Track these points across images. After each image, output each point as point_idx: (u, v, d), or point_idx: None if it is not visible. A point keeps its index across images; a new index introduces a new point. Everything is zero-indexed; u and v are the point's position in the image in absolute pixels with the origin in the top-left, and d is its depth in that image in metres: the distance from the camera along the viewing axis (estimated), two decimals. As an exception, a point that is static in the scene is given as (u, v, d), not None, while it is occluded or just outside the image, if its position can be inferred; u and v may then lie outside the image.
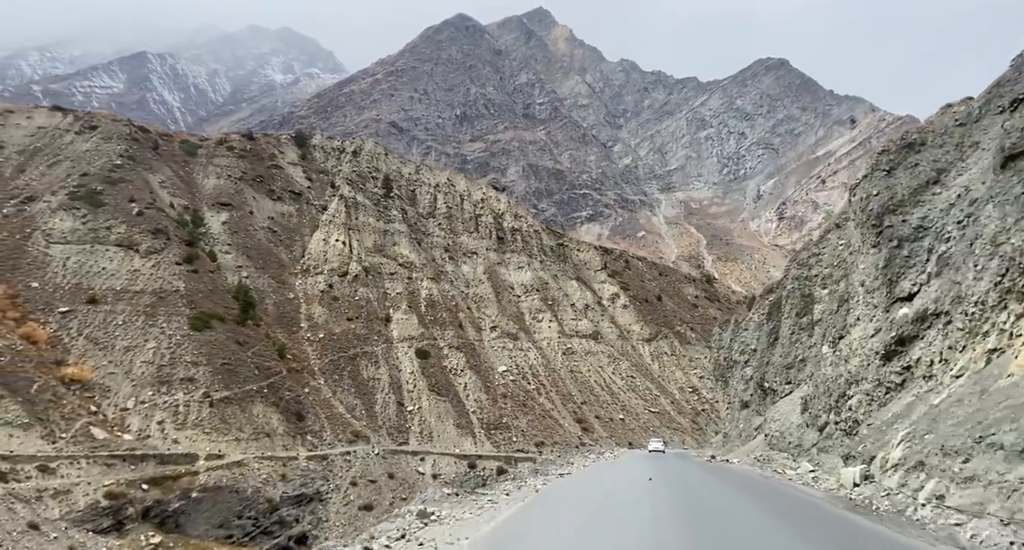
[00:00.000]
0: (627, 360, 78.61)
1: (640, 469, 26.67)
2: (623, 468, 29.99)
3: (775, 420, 30.09)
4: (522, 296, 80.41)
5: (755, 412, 39.78)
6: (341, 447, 50.69)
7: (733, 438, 44.86)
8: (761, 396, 38.16)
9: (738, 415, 44.29)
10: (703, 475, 23.92)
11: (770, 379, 35.05)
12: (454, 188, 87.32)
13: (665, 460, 35.18)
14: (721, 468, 28.02)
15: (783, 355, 33.10)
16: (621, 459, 39.72)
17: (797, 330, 32.18)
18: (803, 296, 32.19)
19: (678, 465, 30.10)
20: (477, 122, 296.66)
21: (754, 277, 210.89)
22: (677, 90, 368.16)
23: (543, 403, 65.18)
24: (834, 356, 24.05)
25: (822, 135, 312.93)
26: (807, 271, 32.47)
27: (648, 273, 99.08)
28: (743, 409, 43.07)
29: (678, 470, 26.44)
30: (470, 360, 65.94)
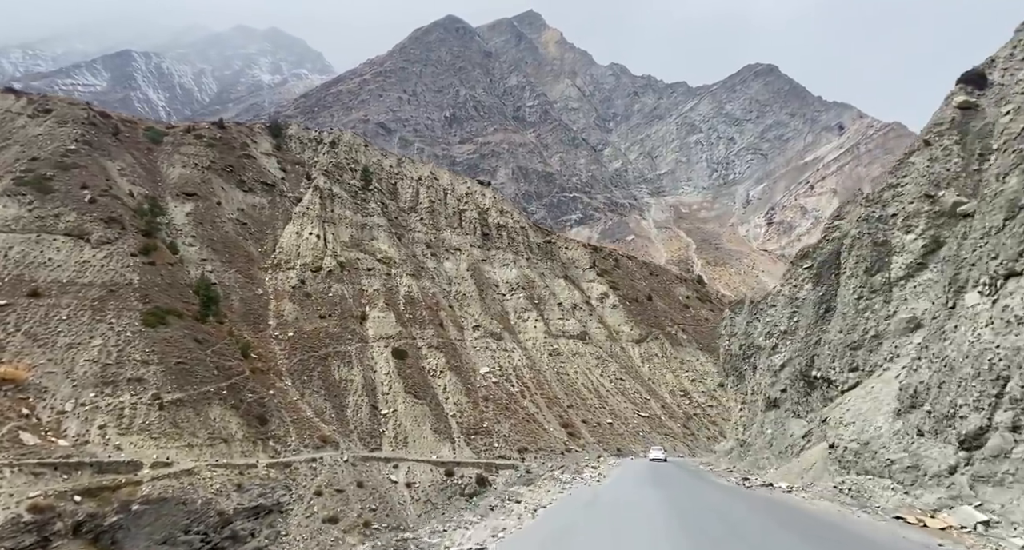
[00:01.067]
0: (616, 362, 75.15)
1: (645, 512, 15.62)
2: (613, 507, 18.10)
3: (845, 424, 19.96)
4: (507, 294, 76.83)
5: (792, 413, 30.55)
6: (307, 453, 46.74)
7: (757, 448, 34.53)
8: (804, 390, 28.82)
9: (763, 418, 34.88)
10: (786, 538, 11.85)
11: (822, 366, 25.48)
12: (437, 182, 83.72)
13: (675, 482, 25.80)
14: (785, 506, 16.83)
15: (844, 331, 23.69)
16: (610, 478, 29.41)
17: (867, 294, 22.90)
18: (876, 245, 23.03)
19: (702, 495, 20.12)
20: (467, 124, 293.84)
21: (743, 282, 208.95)
22: (667, 95, 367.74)
23: (527, 406, 61.51)
24: (992, 311, 13.41)
25: (810, 141, 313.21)
26: (880, 210, 23.34)
27: (638, 272, 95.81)
28: (771, 409, 33.89)
29: (715, 513, 15.84)
30: (451, 361, 62.20)
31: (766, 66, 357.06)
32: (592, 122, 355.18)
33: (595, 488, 25.16)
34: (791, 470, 25.43)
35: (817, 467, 22.55)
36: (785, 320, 34.11)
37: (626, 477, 29.60)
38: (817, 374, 26.21)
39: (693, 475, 30.83)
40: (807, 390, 28.64)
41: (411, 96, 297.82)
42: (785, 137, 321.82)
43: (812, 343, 28.33)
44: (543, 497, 24.36)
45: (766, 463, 31.54)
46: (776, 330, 35.39)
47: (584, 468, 39.50)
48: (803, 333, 29.83)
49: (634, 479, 28.29)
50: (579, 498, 21.67)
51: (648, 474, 30.60)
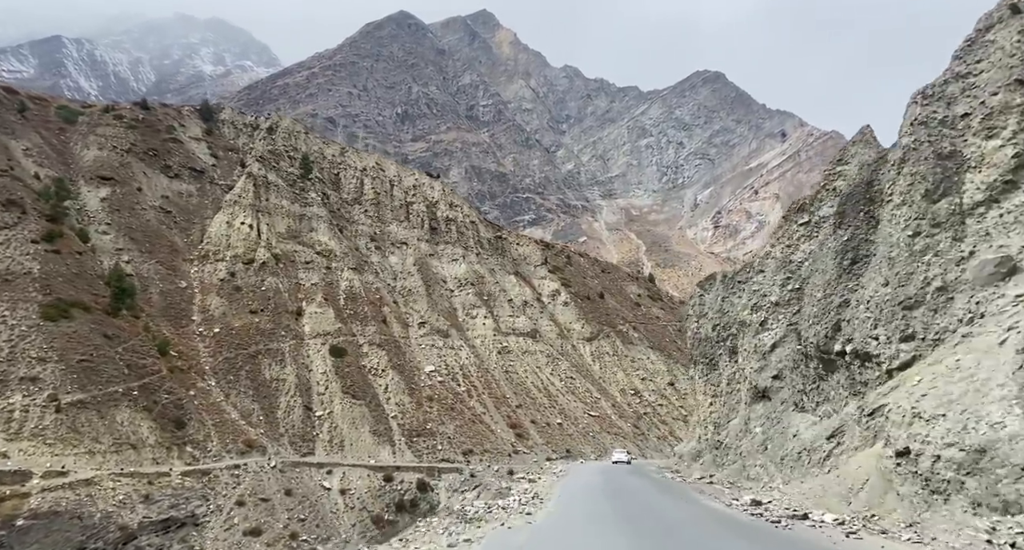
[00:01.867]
0: (567, 360, 73.05)
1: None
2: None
3: (925, 418, 13.16)
4: (455, 290, 73.78)
5: (793, 406, 23.71)
6: (229, 459, 42.62)
7: (744, 452, 27.15)
8: (815, 374, 21.95)
9: (748, 412, 28.18)
10: None
11: (855, 336, 18.49)
12: (383, 173, 80.00)
13: (650, 510, 18.08)
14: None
15: (893, 284, 16.92)
16: (551, 503, 21.12)
17: (927, 229, 16.21)
18: (939, 159, 16.27)
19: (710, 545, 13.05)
20: (419, 121, 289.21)
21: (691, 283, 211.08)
22: (619, 98, 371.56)
23: (474, 406, 58.62)
24: None
25: (755, 147, 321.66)
26: (944, 109, 16.61)
27: (590, 270, 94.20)
28: (759, 402, 27.42)
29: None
30: (393, 359, 58.77)
31: (713, 73, 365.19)
32: (546, 123, 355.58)
33: (524, 531, 15.45)
34: (821, 488, 17.27)
35: (873, 486, 14.90)
36: (776, 289, 27.95)
37: (575, 501, 20.69)
38: (844, 349, 19.04)
39: (668, 491, 23.44)
40: (821, 373, 21.59)
41: (362, 91, 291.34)
42: (731, 143, 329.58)
43: (832, 308, 20.38)
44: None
45: (761, 473, 24.37)
46: (765, 302, 28.86)
47: (518, 481, 29.92)
48: (819, 295, 21.55)
49: (587, 505, 19.39)
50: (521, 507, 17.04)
51: (606, 493, 22.47)
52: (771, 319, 28.30)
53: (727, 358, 34.17)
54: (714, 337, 36.19)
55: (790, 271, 27.44)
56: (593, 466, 43.43)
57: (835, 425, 19.57)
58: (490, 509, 21.86)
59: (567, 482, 29.00)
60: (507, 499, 24.27)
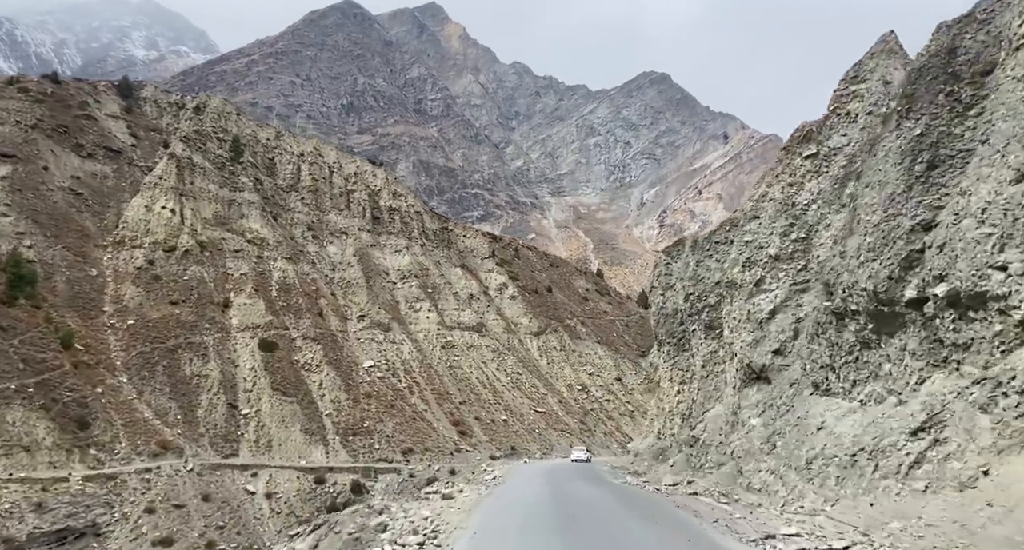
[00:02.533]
0: (513, 355, 71.06)
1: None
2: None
3: None
4: (398, 282, 70.73)
5: (813, 388, 17.69)
6: (140, 462, 38.68)
7: (741, 454, 20.59)
8: (864, 338, 15.51)
9: (737, 400, 22.50)
10: None
11: (950, 271, 12.21)
12: (322, 159, 76.04)
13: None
14: None
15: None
16: (463, 537, 12.51)
17: None
18: None
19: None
20: (365, 114, 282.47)
21: (636, 281, 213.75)
22: (568, 96, 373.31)
23: (415, 403, 55.89)
24: None
25: (699, 148, 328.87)
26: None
27: (538, 264, 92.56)
28: (752, 385, 21.95)
29: None
30: (329, 354, 55.42)
31: (660, 74, 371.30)
32: (495, 119, 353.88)
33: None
34: (942, 516, 10.50)
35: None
36: (776, 239, 22.38)
37: (499, 538, 12.49)
38: (924, 293, 12.89)
39: (644, 510, 16.41)
40: (868, 338, 15.20)
41: (305, 81, 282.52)
42: (676, 144, 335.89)
43: (901, 233, 14.07)
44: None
45: (772, 483, 17.41)
46: (761, 256, 23.05)
47: (424, 500, 20.64)
48: (875, 217, 15.13)
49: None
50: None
51: (553, 518, 14.85)
52: (769, 277, 22.38)
53: (702, 334, 27.87)
54: (686, 310, 29.85)
55: (793, 216, 21.99)
56: (538, 467, 37.43)
57: (918, 414, 12.47)
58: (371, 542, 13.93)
59: (499, 496, 20.53)
60: (401, 520, 15.23)
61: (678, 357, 31.57)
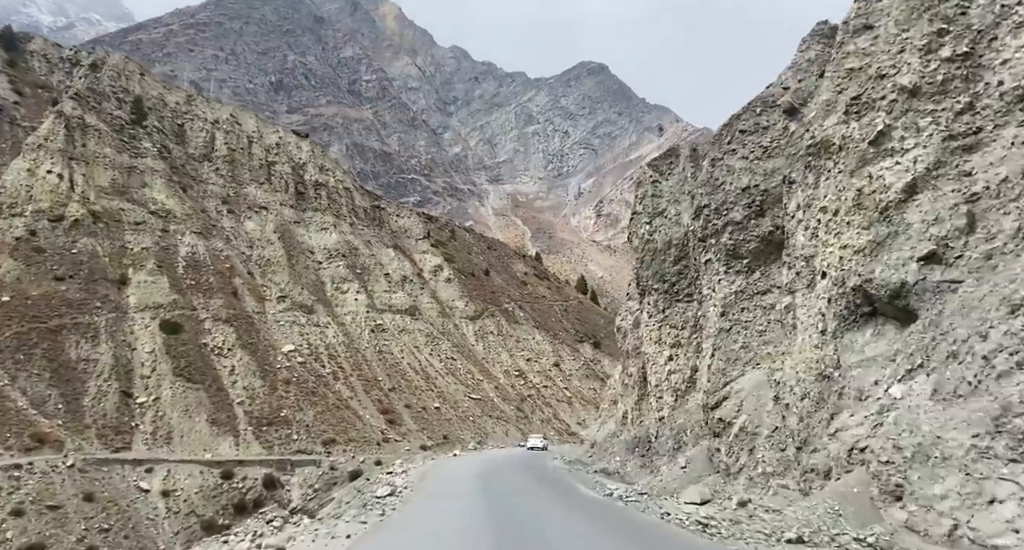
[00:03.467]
0: (448, 340, 67.60)
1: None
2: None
3: None
4: (324, 262, 65.85)
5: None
6: (9, 458, 33.12)
7: (847, 458, 12.16)
8: None
9: (823, 354, 14.28)
10: None
11: None
12: (240, 127, 69.82)
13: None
14: None
15: None
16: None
17: None
18: None
19: None
20: (295, 93, 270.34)
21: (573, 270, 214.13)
22: (507, 83, 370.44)
23: (340, 390, 51.69)
24: None
25: (635, 140, 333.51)
26: None
27: (476, 246, 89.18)
28: (863, 326, 13.55)
29: None
30: (243, 337, 50.40)
31: (598, 65, 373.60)
32: (432, 104, 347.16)
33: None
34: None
35: None
36: (916, 59, 13.21)
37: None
38: None
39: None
40: None
41: (229, 55, 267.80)
42: (613, 134, 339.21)
43: None
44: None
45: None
46: (881, 91, 13.81)
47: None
48: None
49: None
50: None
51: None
52: (900, 128, 13.15)
53: (721, 267, 19.85)
54: (693, 234, 21.95)
55: (944, 17, 12.78)
56: (470, 463, 30.62)
57: None
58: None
59: (391, 528, 12.91)
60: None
61: (670, 309, 23.51)
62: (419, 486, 20.76)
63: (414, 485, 21.23)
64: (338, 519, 15.32)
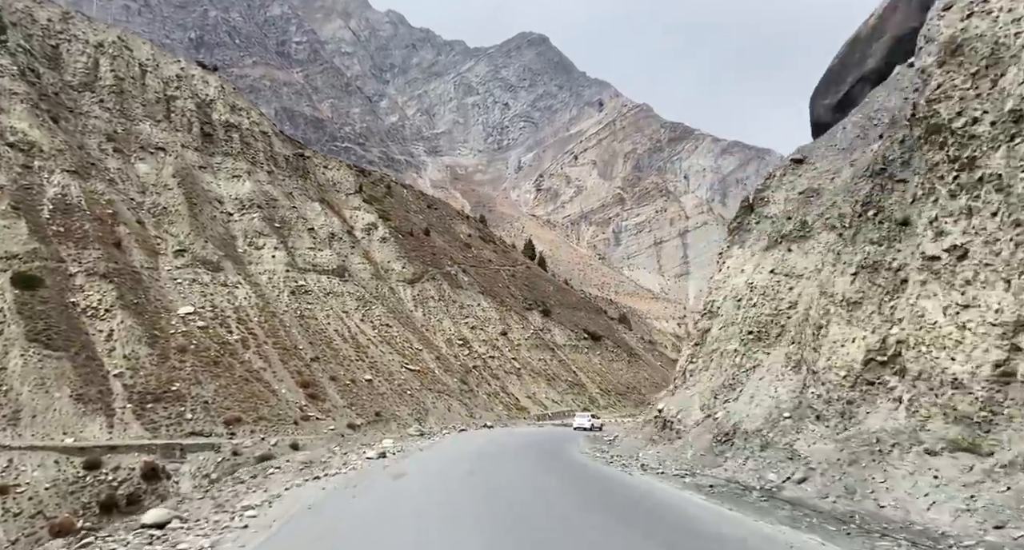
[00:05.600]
0: (382, 304, 59.71)
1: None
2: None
3: None
4: (235, 214, 56.41)
5: None
6: None
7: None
8: None
9: None
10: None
11: None
12: (130, 54, 58.72)
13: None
14: None
15: None
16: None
17: None
18: None
19: None
20: (218, 51, 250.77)
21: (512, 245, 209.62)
22: (445, 52, 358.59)
23: (250, 360, 43.24)
24: None
25: (575, 114, 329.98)
26: None
27: (414, 204, 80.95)
28: None
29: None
30: (127, 296, 41.07)
31: (538, 36, 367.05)
32: (367, 70, 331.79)
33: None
34: None
35: None
36: None
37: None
38: None
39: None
40: None
41: (143, 7, 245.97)
42: (554, 108, 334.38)
43: None
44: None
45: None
46: None
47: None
48: None
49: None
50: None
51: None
52: None
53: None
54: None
55: None
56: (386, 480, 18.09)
57: None
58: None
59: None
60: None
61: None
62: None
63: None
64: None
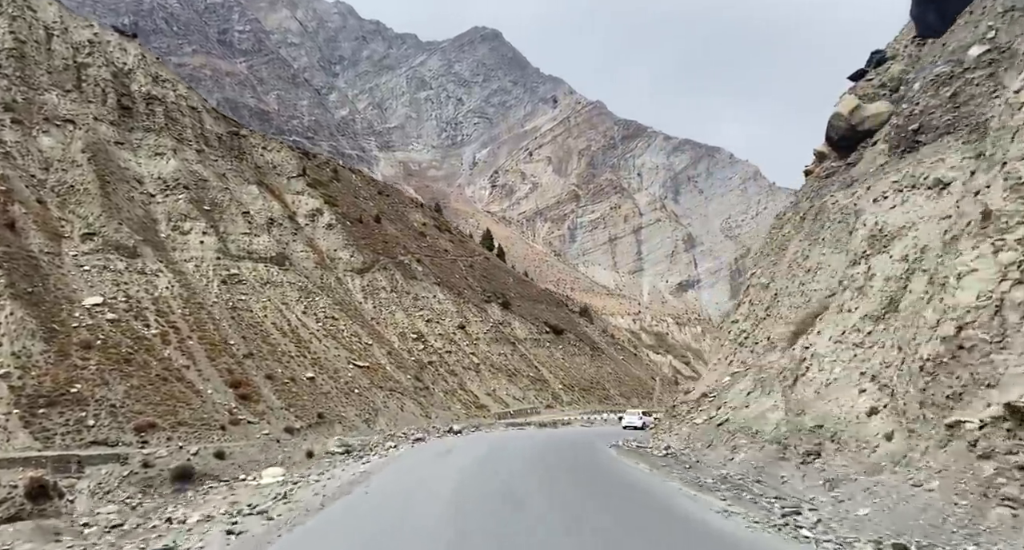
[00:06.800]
0: (328, 296, 54.42)
1: None
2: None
3: None
4: (158, 195, 50.18)
5: None
6: None
7: None
8: None
9: None
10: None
11: None
12: (32, 14, 51.66)
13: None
14: None
15: None
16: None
17: None
18: None
19: None
20: (155, 38, 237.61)
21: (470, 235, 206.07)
22: (397, 45, 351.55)
23: (170, 357, 37.52)
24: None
25: (530, 110, 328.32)
26: None
27: (364, 190, 75.42)
28: None
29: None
30: (20, 284, 34.88)
31: (492, 31, 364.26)
32: (316, 63, 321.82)
33: None
34: None
35: None
36: None
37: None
38: None
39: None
40: None
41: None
42: (508, 104, 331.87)
43: None
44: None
45: None
46: None
47: None
48: None
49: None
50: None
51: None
52: None
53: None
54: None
55: None
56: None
57: None
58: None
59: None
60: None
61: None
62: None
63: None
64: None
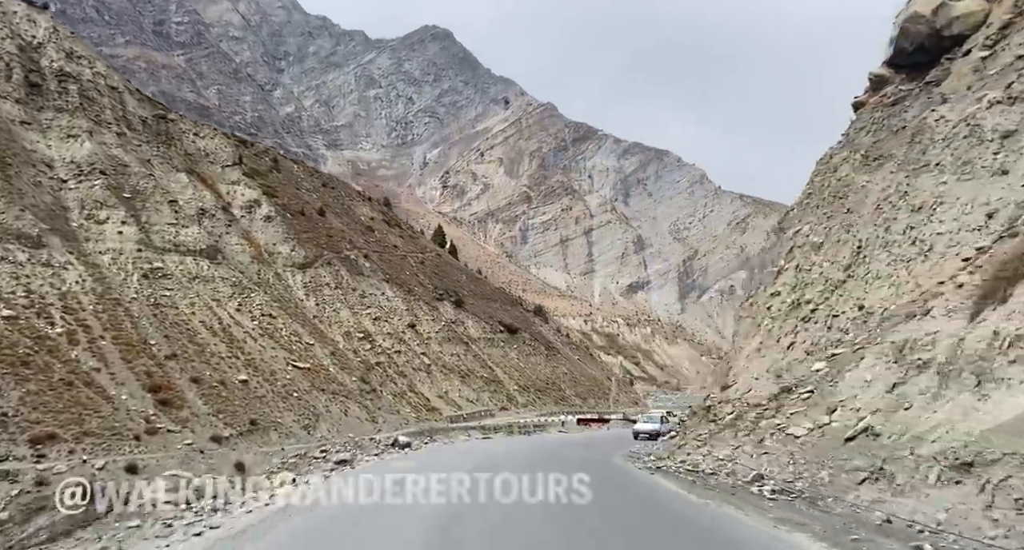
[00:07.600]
0: (265, 292, 50.18)
1: None
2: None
3: None
4: (70, 180, 44.97)
5: None
6: None
7: None
8: None
9: None
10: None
11: None
12: (-77, -25, 45.92)
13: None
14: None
15: None
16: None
17: None
18: None
19: None
20: (84, 27, 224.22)
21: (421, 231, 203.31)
22: (344, 41, 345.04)
23: (78, 359, 32.90)
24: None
25: (481, 111, 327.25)
26: None
27: (307, 181, 70.99)
28: None
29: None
30: None
31: (443, 30, 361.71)
32: (259, 57, 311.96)
33: None
34: None
35: None
36: None
37: None
38: None
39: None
40: None
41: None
42: (459, 104, 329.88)
43: None
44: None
45: None
46: None
47: None
48: None
49: None
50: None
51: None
52: None
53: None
54: None
55: None
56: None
57: None
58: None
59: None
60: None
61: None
62: None
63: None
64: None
